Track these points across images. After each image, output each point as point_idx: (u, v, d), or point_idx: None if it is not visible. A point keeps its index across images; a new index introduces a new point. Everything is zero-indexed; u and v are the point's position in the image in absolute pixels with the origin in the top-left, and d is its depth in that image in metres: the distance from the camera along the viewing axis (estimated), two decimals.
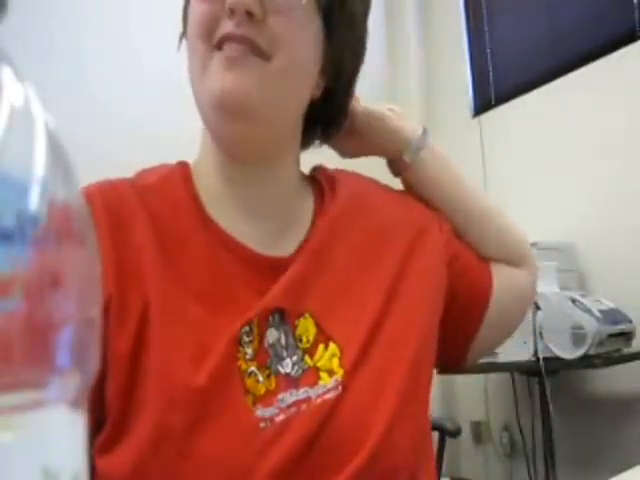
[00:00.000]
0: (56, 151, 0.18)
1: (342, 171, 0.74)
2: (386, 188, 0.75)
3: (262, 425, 0.54)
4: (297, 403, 0.56)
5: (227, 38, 0.56)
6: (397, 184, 0.77)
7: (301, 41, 0.59)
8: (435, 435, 1.85)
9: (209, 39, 0.57)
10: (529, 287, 0.79)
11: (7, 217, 0.16)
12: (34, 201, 0.17)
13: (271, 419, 0.54)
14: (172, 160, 0.68)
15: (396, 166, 0.75)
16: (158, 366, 0.54)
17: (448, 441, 1.90)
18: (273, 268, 0.61)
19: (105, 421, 0.54)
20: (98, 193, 0.60)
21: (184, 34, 0.63)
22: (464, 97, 2.93)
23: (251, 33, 0.56)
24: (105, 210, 0.58)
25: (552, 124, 2.51)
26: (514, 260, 0.77)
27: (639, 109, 2.25)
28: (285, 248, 0.63)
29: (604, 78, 2.37)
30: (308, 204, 0.68)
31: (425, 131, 0.75)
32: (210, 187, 0.63)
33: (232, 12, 0.55)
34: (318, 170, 0.73)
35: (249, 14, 0.55)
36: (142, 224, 0.59)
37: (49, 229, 0.17)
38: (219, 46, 0.56)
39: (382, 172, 0.77)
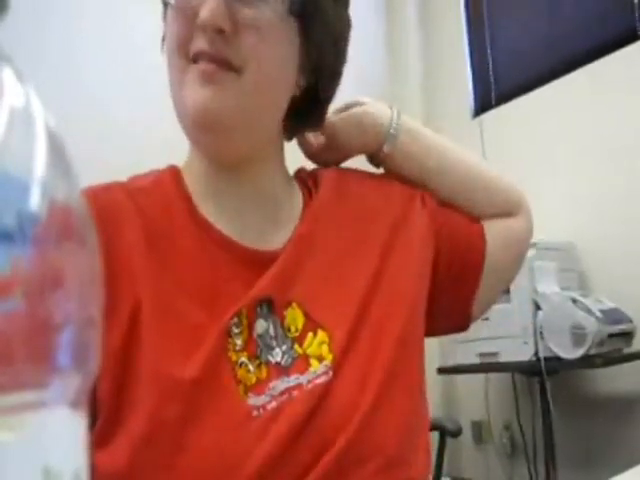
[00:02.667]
0: (56, 151, 0.18)
1: (321, 167, 0.75)
2: (365, 173, 0.76)
3: (254, 413, 0.55)
4: (288, 390, 0.57)
5: (200, 55, 0.57)
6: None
7: (274, 52, 0.60)
8: (436, 435, 1.85)
9: (184, 53, 0.58)
10: (523, 233, 0.80)
11: (7, 217, 0.16)
12: (34, 201, 0.17)
13: (263, 406, 0.56)
14: (170, 161, 0.69)
15: (377, 158, 0.76)
16: (150, 361, 0.55)
17: (449, 441, 1.89)
18: (263, 261, 0.62)
19: (96, 417, 0.55)
20: (91, 195, 0.61)
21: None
22: (464, 97, 2.93)
23: (222, 50, 0.57)
24: (96, 211, 0.59)
25: (552, 124, 2.50)
26: (506, 211, 0.78)
27: (639, 109, 2.25)
28: (276, 242, 0.65)
29: (604, 78, 2.37)
30: (297, 202, 0.69)
31: (398, 113, 0.75)
32: (199, 188, 0.65)
33: (204, 30, 0.56)
34: (300, 172, 0.74)
35: (220, 31, 0.56)
36: (133, 224, 0.60)
37: (49, 229, 0.17)
38: (194, 60, 0.58)
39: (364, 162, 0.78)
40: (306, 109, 0.68)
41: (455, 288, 0.73)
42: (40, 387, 0.17)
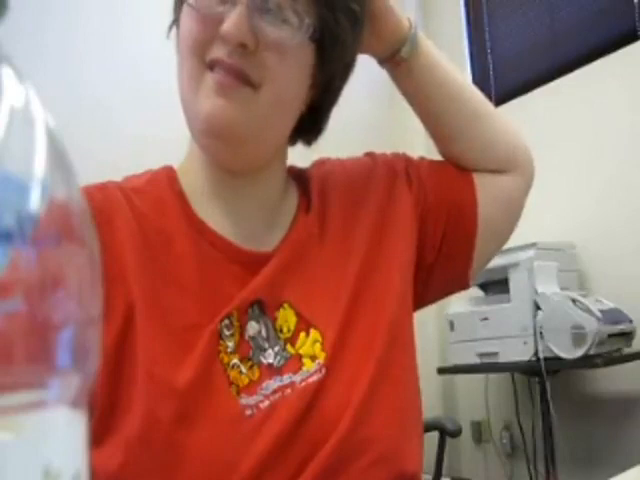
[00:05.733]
0: (56, 151, 0.18)
1: (314, 165, 0.75)
2: (347, 162, 0.75)
3: (248, 412, 0.55)
4: (281, 388, 0.57)
5: (218, 63, 0.57)
6: None
7: (291, 74, 0.60)
8: (435, 435, 1.85)
9: (200, 57, 0.57)
10: (517, 191, 0.77)
11: (7, 217, 0.16)
12: (34, 201, 0.17)
13: (256, 406, 0.56)
14: (170, 160, 0.69)
15: (391, 60, 0.72)
16: (144, 362, 0.54)
17: (448, 441, 1.89)
18: (258, 263, 0.62)
19: (90, 417, 0.54)
20: (86, 194, 0.60)
21: (175, 22, 0.63)
22: None
23: (242, 63, 0.56)
24: (91, 211, 0.58)
25: (552, 124, 2.50)
26: (502, 166, 0.75)
27: (639, 109, 2.25)
28: (269, 243, 0.65)
29: (604, 78, 2.37)
30: (292, 201, 0.69)
31: (414, 23, 0.72)
32: (197, 188, 0.65)
33: (225, 41, 0.56)
34: (291, 170, 0.73)
35: (242, 45, 0.56)
36: (127, 224, 0.60)
37: (49, 229, 0.17)
38: (210, 67, 0.57)
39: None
40: (307, 121, 0.68)
41: (451, 255, 0.72)
42: (40, 387, 0.17)
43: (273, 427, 0.55)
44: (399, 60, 0.71)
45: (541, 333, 2.04)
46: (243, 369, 0.57)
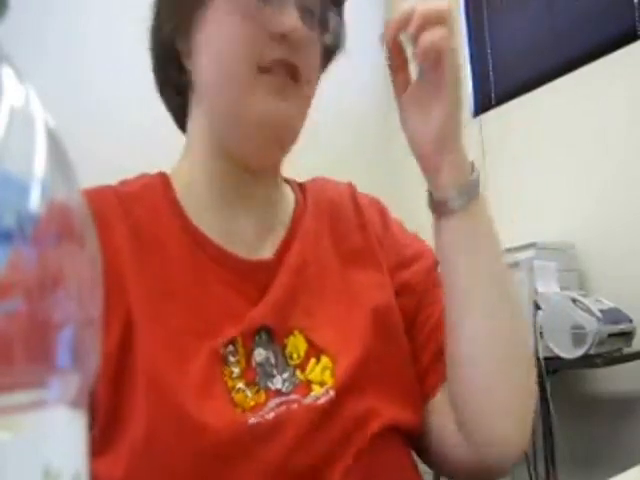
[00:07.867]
0: (56, 151, 0.18)
1: (314, 179, 0.75)
2: (359, 193, 0.75)
3: (252, 421, 0.54)
4: (286, 403, 0.56)
5: (279, 63, 0.58)
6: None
7: (317, 68, 0.64)
8: None
9: (252, 60, 0.58)
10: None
11: (7, 217, 0.16)
12: (34, 201, 0.17)
13: (261, 415, 0.54)
14: (168, 161, 0.69)
15: (436, 204, 0.61)
16: (144, 369, 0.53)
17: None
18: (254, 271, 0.62)
19: (93, 424, 0.53)
20: (84, 198, 0.59)
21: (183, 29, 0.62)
22: (464, 97, 2.92)
23: (297, 60, 0.58)
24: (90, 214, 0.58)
25: (552, 124, 2.50)
26: (491, 424, 0.64)
27: (639, 109, 2.25)
28: (265, 250, 0.64)
29: (604, 78, 2.37)
30: (287, 207, 0.69)
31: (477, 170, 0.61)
32: (194, 193, 0.64)
33: (284, 38, 0.57)
34: (290, 180, 0.74)
35: (300, 41, 0.58)
36: (123, 227, 0.59)
37: (49, 229, 0.17)
38: (266, 69, 0.58)
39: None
40: None
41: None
42: (40, 387, 0.17)
43: (278, 438, 0.54)
44: (445, 210, 0.60)
45: (541, 333, 2.03)
46: (249, 393, 0.56)
